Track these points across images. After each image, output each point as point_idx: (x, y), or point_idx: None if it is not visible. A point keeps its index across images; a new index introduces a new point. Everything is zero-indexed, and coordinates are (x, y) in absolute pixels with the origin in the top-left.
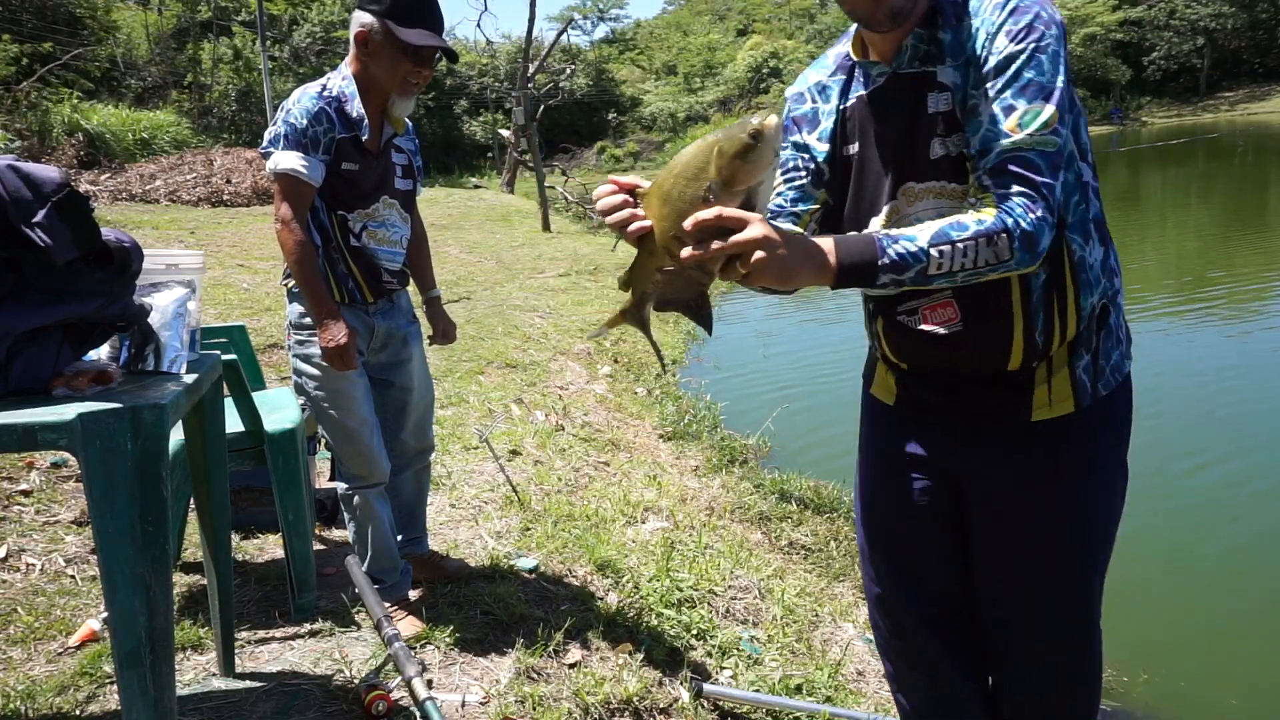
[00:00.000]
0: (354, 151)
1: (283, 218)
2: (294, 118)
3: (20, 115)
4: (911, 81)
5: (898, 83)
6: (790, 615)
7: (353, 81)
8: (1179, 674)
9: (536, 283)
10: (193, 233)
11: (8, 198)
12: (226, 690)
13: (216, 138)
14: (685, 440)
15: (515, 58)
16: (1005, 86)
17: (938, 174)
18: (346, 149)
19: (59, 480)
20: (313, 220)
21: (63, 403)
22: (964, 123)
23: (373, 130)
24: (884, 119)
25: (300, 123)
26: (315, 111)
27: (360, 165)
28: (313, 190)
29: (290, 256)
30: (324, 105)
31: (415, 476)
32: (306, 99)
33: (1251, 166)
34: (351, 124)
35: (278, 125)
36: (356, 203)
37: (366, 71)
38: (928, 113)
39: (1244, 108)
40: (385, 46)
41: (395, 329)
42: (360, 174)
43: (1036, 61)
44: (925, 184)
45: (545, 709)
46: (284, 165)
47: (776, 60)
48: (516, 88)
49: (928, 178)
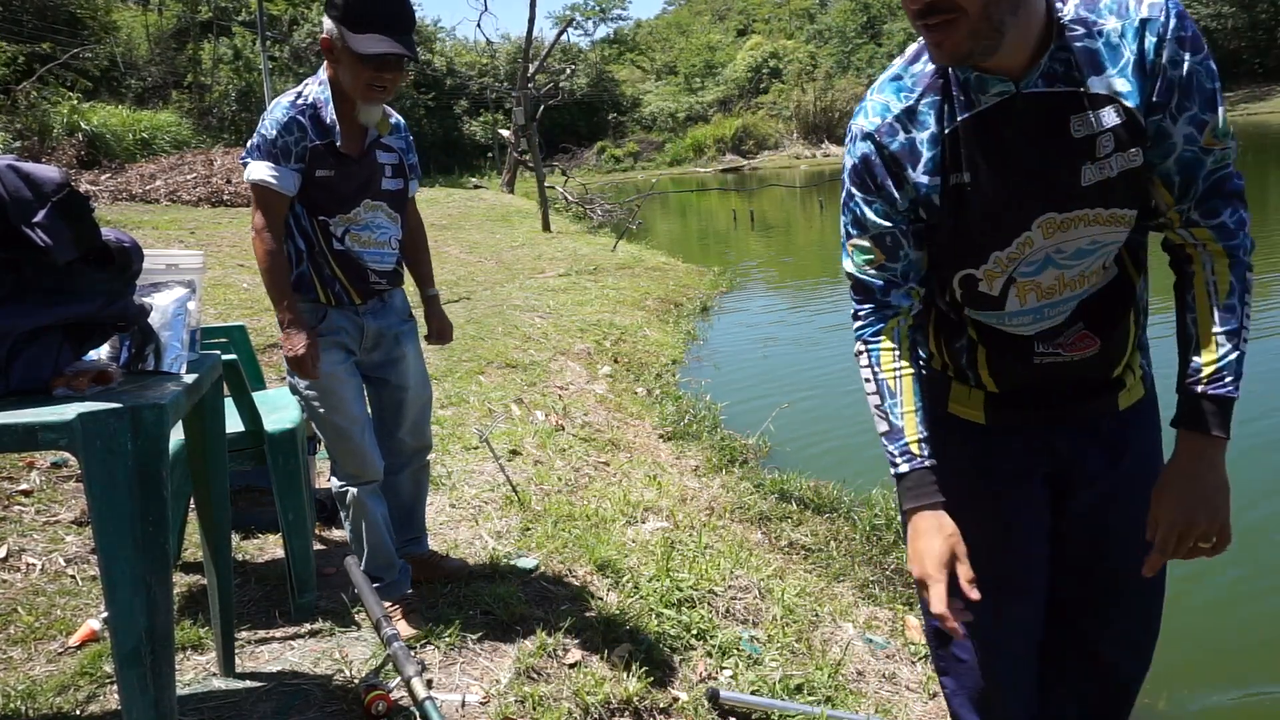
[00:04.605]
0: (329, 158)
1: (256, 226)
2: (265, 128)
3: (20, 115)
4: (1045, 102)
5: (1026, 103)
6: (790, 615)
7: (328, 86)
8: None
9: (536, 283)
10: (193, 233)
11: (8, 198)
12: (226, 690)
13: (217, 138)
14: (685, 440)
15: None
16: (1191, 101)
17: (1088, 202)
18: (321, 156)
19: (59, 480)
20: (295, 226)
21: (63, 403)
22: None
23: (350, 135)
24: (1009, 144)
25: (270, 133)
26: (286, 121)
27: (337, 171)
28: (285, 199)
29: (259, 265)
30: (295, 114)
31: (413, 476)
32: (279, 109)
33: (1252, 166)
34: (325, 130)
35: (254, 135)
36: (336, 208)
37: (336, 77)
38: (1074, 137)
39: (1244, 108)
40: (345, 54)
41: (386, 328)
42: (337, 180)
43: (1209, 69)
44: (1072, 213)
45: (545, 709)
46: (255, 176)
47: (776, 60)
48: (516, 88)
49: (1076, 206)
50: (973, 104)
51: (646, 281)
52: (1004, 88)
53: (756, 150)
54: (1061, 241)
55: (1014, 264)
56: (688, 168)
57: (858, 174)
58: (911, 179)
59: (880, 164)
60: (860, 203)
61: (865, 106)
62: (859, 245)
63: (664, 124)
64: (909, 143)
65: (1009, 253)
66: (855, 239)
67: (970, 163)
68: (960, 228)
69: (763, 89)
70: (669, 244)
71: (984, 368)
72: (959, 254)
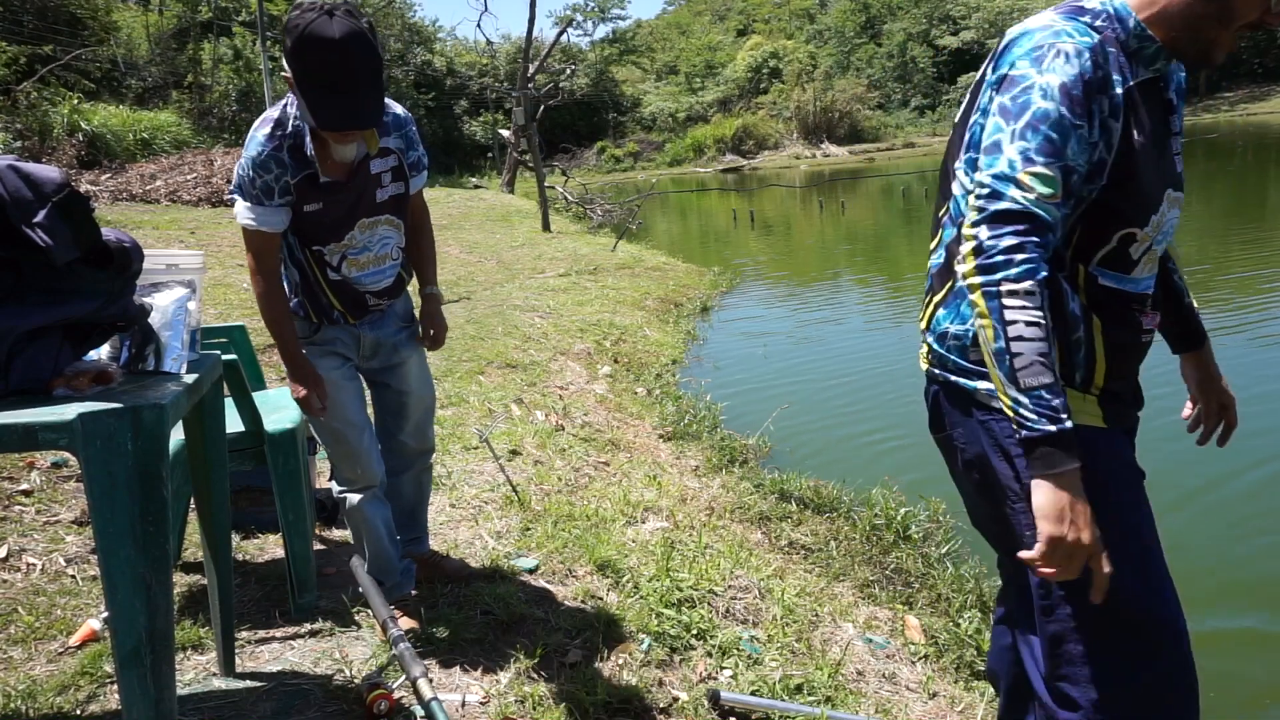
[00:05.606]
0: (313, 190)
1: (250, 268)
2: (244, 168)
3: (21, 115)
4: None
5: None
6: (790, 615)
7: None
8: None
9: (536, 283)
10: (193, 233)
11: (8, 198)
12: (227, 690)
13: (217, 138)
14: (685, 440)
15: (515, 58)
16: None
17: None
18: (305, 190)
19: (59, 480)
20: (289, 257)
21: (63, 403)
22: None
23: (333, 164)
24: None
25: (249, 174)
26: (262, 160)
27: (323, 202)
28: (274, 237)
29: (259, 307)
30: (272, 150)
31: (415, 478)
32: (254, 144)
33: (1252, 166)
34: (306, 162)
35: (236, 170)
36: (328, 237)
37: None
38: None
39: (1244, 108)
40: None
41: (385, 337)
42: (324, 211)
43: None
44: (1178, 193)
45: (545, 709)
46: (240, 219)
47: (776, 60)
48: (516, 88)
49: (1179, 187)
50: (1135, 71)
51: (646, 281)
52: (1161, 67)
53: (756, 150)
54: (1171, 220)
55: (1157, 231)
56: (688, 168)
57: (1067, 93)
58: (1102, 115)
59: (1096, 83)
60: (1067, 126)
61: (1061, 28)
62: (1043, 174)
63: (664, 124)
64: (1106, 77)
65: (1155, 219)
66: (1040, 167)
67: (1139, 123)
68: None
69: (763, 89)
70: (669, 244)
71: (1100, 348)
72: (1128, 210)
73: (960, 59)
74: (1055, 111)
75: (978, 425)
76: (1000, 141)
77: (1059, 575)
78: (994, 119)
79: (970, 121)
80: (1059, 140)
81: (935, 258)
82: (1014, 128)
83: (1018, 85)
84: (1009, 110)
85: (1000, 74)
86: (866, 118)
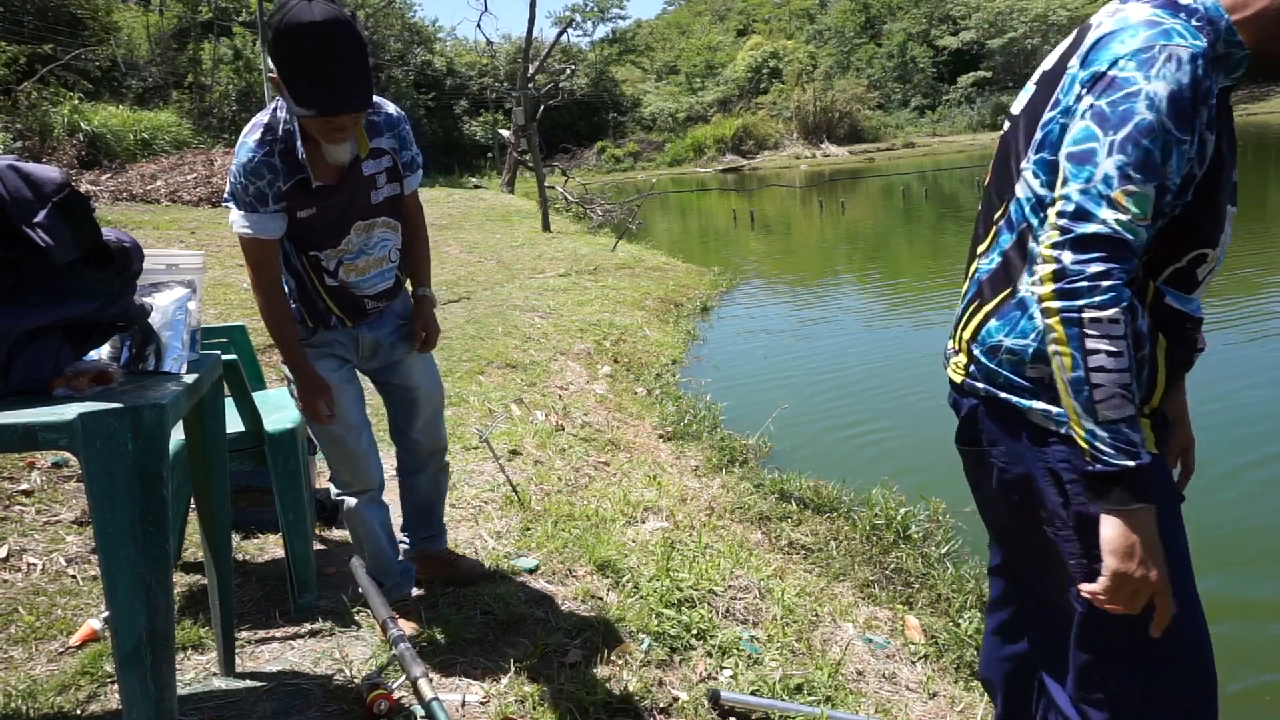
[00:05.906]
0: (306, 195)
1: (251, 281)
2: (235, 176)
3: (21, 115)
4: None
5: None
6: (790, 615)
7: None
8: None
9: (536, 283)
10: (193, 233)
11: (8, 198)
12: (227, 690)
13: (217, 138)
14: (685, 440)
15: (515, 58)
16: None
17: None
18: (297, 196)
19: (60, 480)
20: (286, 265)
21: (63, 403)
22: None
23: (325, 167)
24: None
25: (240, 180)
26: (253, 167)
27: (318, 207)
28: (272, 245)
29: (262, 317)
30: (263, 156)
31: (431, 478)
32: (244, 150)
33: (1252, 166)
34: (298, 166)
35: (229, 177)
36: (323, 242)
37: None
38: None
39: (1244, 108)
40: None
41: (383, 337)
42: (318, 216)
43: None
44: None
45: (545, 709)
46: (236, 228)
47: (776, 60)
48: (516, 88)
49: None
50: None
51: (646, 281)
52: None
53: (756, 150)
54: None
55: (1222, 251)
56: (688, 168)
57: (1175, 104)
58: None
59: (1204, 94)
60: (1171, 141)
61: (1170, 27)
62: (1138, 194)
63: (664, 124)
64: (1211, 87)
65: (1223, 239)
66: (1136, 185)
67: (1229, 136)
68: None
69: (763, 89)
70: (669, 244)
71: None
72: (1206, 227)
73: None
74: (1160, 124)
75: (1028, 448)
76: (1095, 151)
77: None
78: (1086, 123)
79: (1045, 118)
80: (1160, 156)
81: (986, 263)
82: (1113, 139)
83: (1120, 90)
84: (1107, 117)
85: (1095, 71)
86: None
